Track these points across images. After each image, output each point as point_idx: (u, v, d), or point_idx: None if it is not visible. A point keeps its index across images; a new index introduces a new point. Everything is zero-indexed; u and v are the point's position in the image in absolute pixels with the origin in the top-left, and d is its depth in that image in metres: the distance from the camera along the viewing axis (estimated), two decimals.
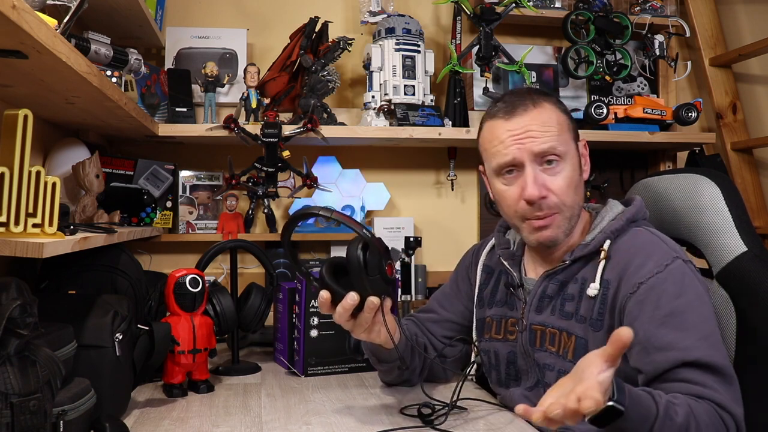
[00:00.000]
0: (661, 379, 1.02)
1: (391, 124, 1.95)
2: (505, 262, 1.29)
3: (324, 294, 1.12)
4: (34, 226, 0.95)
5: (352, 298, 1.09)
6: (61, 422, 0.91)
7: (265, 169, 1.84)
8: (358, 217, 2.05)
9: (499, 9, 2.00)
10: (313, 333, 1.47)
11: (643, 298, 1.06)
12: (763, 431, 1.13)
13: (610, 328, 1.09)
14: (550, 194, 1.14)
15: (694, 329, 1.03)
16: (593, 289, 1.12)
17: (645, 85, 2.24)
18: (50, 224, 0.97)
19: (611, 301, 1.11)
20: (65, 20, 1.06)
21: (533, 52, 2.18)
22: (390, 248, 1.14)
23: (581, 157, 1.22)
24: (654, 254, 1.10)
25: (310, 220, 2.03)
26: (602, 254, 1.14)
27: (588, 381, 0.83)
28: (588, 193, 2.14)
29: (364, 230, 1.09)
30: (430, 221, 2.18)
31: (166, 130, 1.80)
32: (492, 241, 1.38)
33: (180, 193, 1.95)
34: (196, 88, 1.95)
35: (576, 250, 1.17)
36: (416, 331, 1.40)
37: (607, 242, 1.15)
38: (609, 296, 1.11)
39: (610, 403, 0.85)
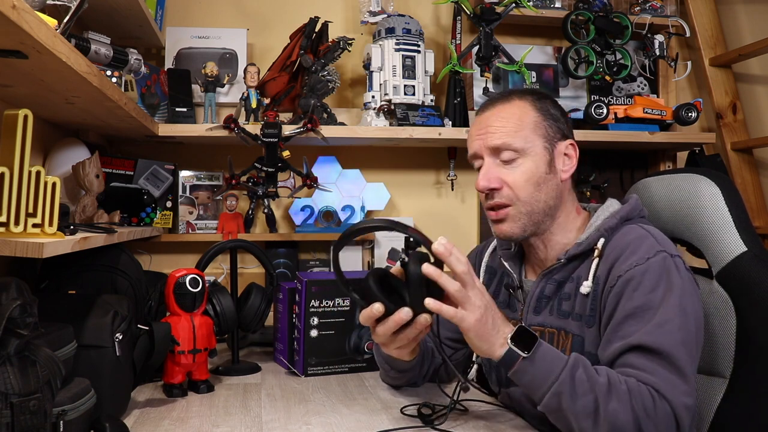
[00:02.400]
0: (610, 367, 1.04)
1: (391, 124, 1.95)
2: (505, 263, 1.30)
3: (379, 307, 1.06)
4: (34, 226, 0.95)
5: (406, 313, 1.05)
6: (61, 422, 0.91)
7: (265, 169, 1.84)
8: (358, 217, 2.05)
9: (499, 9, 2.00)
10: (313, 333, 1.47)
11: (620, 290, 1.08)
12: (763, 431, 1.13)
13: (600, 323, 1.11)
14: (504, 186, 1.18)
15: (658, 319, 1.03)
16: (586, 287, 1.13)
17: (645, 85, 2.24)
18: (50, 224, 0.97)
19: (600, 297, 1.12)
20: (65, 20, 1.06)
21: (533, 52, 2.18)
22: (390, 248, 1.13)
23: (560, 156, 1.21)
24: (639, 248, 1.11)
25: (310, 220, 2.04)
26: (595, 252, 1.15)
27: None
28: (588, 193, 2.14)
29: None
30: (430, 221, 2.18)
31: (166, 130, 1.80)
32: (495, 243, 1.38)
33: (180, 193, 1.96)
34: (196, 88, 1.95)
35: (571, 249, 1.18)
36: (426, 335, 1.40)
37: (601, 240, 1.16)
38: (599, 292, 1.12)
39: (523, 325, 1.01)
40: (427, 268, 1.00)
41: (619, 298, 1.08)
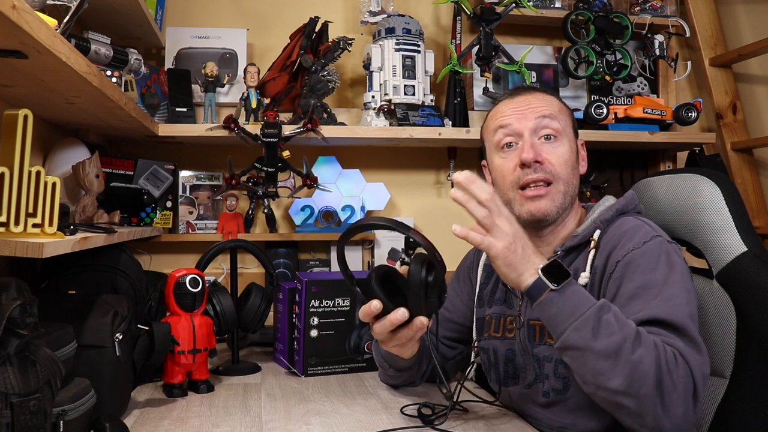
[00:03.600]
0: None
1: (391, 124, 1.95)
2: None
3: (377, 304, 1.08)
4: (34, 226, 0.95)
5: (402, 314, 1.08)
6: (61, 422, 0.91)
7: (265, 169, 1.84)
8: (358, 217, 2.05)
9: (499, 9, 2.00)
10: (313, 333, 1.47)
11: (620, 275, 1.08)
12: (763, 431, 1.13)
13: None
14: (545, 162, 1.18)
15: (660, 295, 1.03)
16: (583, 277, 1.13)
17: (645, 85, 2.24)
18: (50, 224, 0.97)
19: (598, 286, 1.13)
20: (65, 20, 1.06)
21: (533, 52, 2.18)
22: (390, 248, 1.13)
23: (579, 150, 1.26)
24: (635, 235, 1.11)
25: (310, 220, 2.04)
26: (592, 243, 1.16)
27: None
28: (588, 193, 2.14)
29: (436, 252, 1.06)
30: (430, 221, 2.18)
31: (166, 130, 1.80)
32: None
33: (180, 193, 1.95)
34: (196, 88, 1.95)
35: (568, 241, 1.19)
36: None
37: (597, 232, 1.17)
38: (596, 281, 1.13)
39: (557, 260, 0.98)
40: (455, 193, 0.98)
41: (620, 281, 1.08)
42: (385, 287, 1.10)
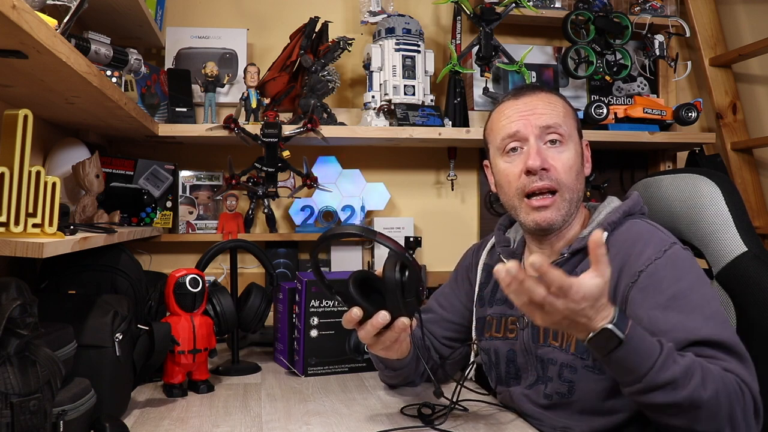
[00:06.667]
0: None
1: (391, 124, 1.95)
2: (505, 261, 1.29)
3: (357, 311, 1.09)
4: (34, 226, 0.95)
5: (383, 317, 1.08)
6: (61, 422, 0.91)
7: (265, 169, 1.84)
8: (358, 217, 2.05)
9: (499, 9, 2.00)
10: (313, 333, 1.47)
11: (645, 285, 1.06)
12: (763, 431, 1.13)
13: None
14: (551, 169, 1.16)
15: (699, 309, 1.02)
16: None
17: (645, 85, 2.24)
18: (50, 224, 0.97)
19: (611, 292, 1.10)
20: (65, 20, 1.06)
21: (533, 52, 2.18)
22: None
23: (584, 152, 1.25)
24: (651, 242, 1.10)
25: (310, 220, 2.04)
26: None
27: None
28: (588, 193, 2.14)
29: (405, 253, 1.06)
30: (430, 221, 2.18)
31: (166, 130, 1.80)
32: (492, 240, 1.38)
33: (180, 193, 1.95)
34: (196, 88, 1.95)
35: (574, 243, 1.18)
36: (416, 332, 1.40)
37: (605, 234, 1.15)
38: (610, 287, 1.10)
39: (609, 326, 0.88)
40: (521, 272, 0.85)
41: (646, 293, 1.06)
42: (365, 292, 1.10)
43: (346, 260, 2.05)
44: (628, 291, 1.08)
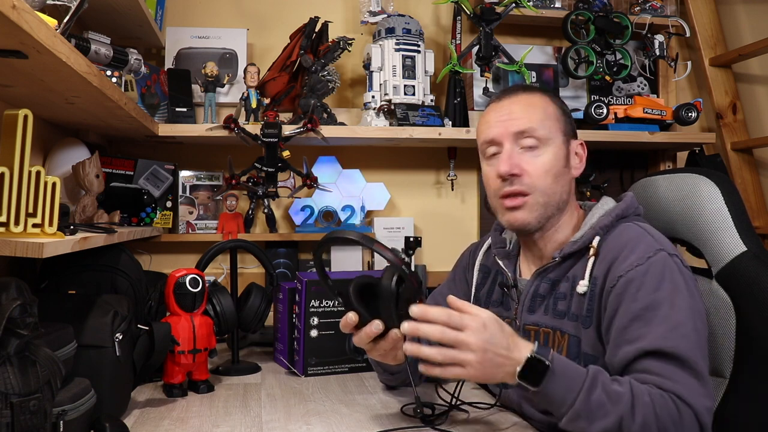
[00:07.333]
0: (624, 372, 1.03)
1: (391, 124, 1.95)
2: (500, 262, 1.29)
3: (352, 317, 1.10)
4: (34, 226, 0.95)
5: (376, 326, 1.09)
6: (61, 422, 0.91)
7: (265, 169, 1.84)
8: (358, 217, 2.05)
9: (499, 9, 2.00)
10: (313, 333, 1.47)
11: (622, 291, 1.07)
12: (764, 431, 1.13)
13: (599, 324, 1.10)
14: (524, 174, 1.17)
15: (667, 321, 1.02)
16: (582, 286, 1.12)
17: (645, 85, 2.24)
18: (50, 224, 0.97)
19: (598, 297, 1.11)
20: (65, 20, 1.06)
21: (533, 52, 2.18)
22: (391, 248, 1.13)
23: (573, 153, 1.23)
24: (638, 247, 1.10)
25: (310, 220, 2.04)
26: (591, 251, 1.14)
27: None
28: (588, 193, 2.14)
29: (402, 265, 1.06)
30: (430, 221, 2.19)
31: (166, 130, 1.80)
32: (489, 241, 1.38)
33: (180, 193, 1.96)
34: (196, 88, 1.95)
35: (566, 247, 1.18)
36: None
37: (597, 238, 1.15)
38: (596, 292, 1.12)
39: (533, 354, 0.96)
40: (405, 327, 1.00)
41: (621, 299, 1.06)
42: (365, 298, 1.11)
43: (346, 260, 2.05)
44: (607, 296, 1.09)
